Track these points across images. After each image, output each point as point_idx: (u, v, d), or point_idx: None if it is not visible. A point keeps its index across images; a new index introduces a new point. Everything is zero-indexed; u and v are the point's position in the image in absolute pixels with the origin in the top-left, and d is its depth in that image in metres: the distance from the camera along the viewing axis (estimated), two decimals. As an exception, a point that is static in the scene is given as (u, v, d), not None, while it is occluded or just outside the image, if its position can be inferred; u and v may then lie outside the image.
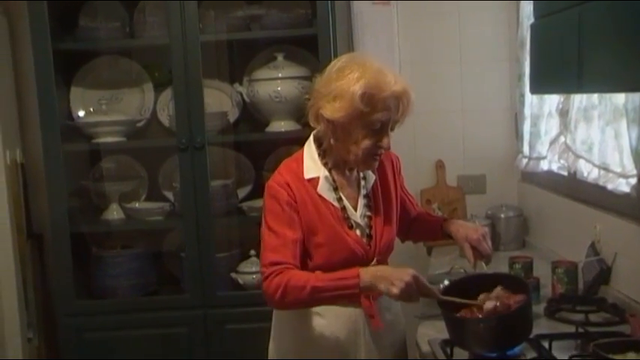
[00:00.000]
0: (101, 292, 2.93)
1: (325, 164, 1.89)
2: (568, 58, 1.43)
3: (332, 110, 1.78)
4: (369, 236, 1.90)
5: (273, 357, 2.00)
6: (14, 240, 2.99)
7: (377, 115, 1.76)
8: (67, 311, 2.86)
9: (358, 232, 1.90)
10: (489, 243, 1.97)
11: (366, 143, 1.79)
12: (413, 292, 1.69)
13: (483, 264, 1.97)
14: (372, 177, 1.94)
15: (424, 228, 2.12)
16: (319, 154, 1.90)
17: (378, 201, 1.94)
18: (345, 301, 1.80)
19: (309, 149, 1.92)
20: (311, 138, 1.94)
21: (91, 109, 3.04)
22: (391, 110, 1.78)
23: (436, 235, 2.10)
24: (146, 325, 2.85)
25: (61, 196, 2.81)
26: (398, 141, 2.14)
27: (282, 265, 1.77)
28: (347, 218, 1.88)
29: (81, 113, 3.03)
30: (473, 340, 1.75)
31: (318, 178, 1.87)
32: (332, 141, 1.84)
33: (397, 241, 2.04)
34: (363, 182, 1.93)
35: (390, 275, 1.71)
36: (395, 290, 1.68)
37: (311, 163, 1.89)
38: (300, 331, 1.92)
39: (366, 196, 1.93)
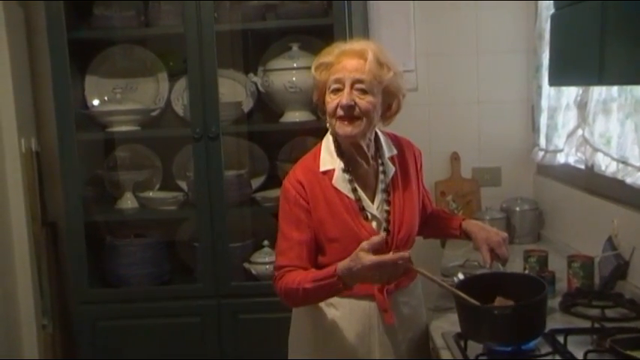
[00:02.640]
0: (115, 280, 2.94)
1: (340, 156, 1.88)
2: (589, 49, 1.41)
3: (314, 95, 1.91)
4: (387, 230, 1.89)
5: (292, 346, 2.02)
6: (29, 228, 3.01)
7: (332, 77, 1.81)
8: (81, 299, 2.87)
9: (374, 224, 1.88)
10: (508, 248, 1.99)
11: (330, 107, 1.82)
12: (388, 275, 1.68)
13: (500, 265, 1.97)
14: (391, 169, 1.93)
15: (440, 225, 2.11)
16: (335, 145, 1.90)
17: (398, 194, 1.92)
18: (355, 289, 1.78)
19: (327, 142, 1.93)
20: (329, 131, 1.94)
21: (106, 98, 3.04)
22: (347, 69, 1.79)
23: (453, 233, 2.09)
24: (159, 315, 2.86)
25: (75, 184, 2.82)
26: (413, 132, 2.14)
27: (285, 268, 1.83)
28: (362, 209, 1.87)
29: (95, 102, 3.03)
30: (487, 331, 1.73)
31: (334, 170, 1.87)
32: (327, 124, 1.87)
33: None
34: (382, 176, 1.92)
35: (359, 272, 1.68)
36: (376, 282, 1.79)
37: (327, 155, 1.90)
38: (316, 322, 1.93)
39: (384, 189, 1.91)
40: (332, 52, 1.84)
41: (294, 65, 2.86)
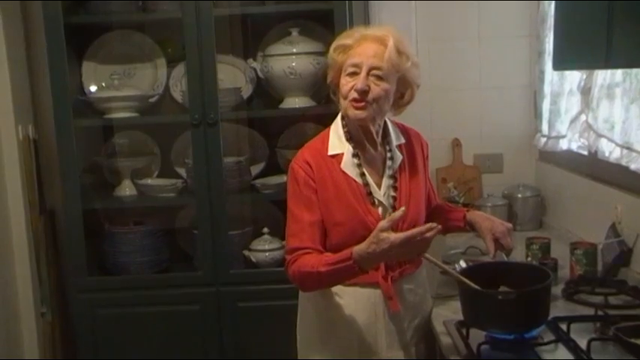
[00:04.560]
0: (113, 268, 2.93)
1: (350, 140, 1.88)
2: (596, 32, 1.38)
3: (329, 76, 1.91)
4: None
5: (300, 334, 2.02)
6: (27, 216, 2.99)
7: (349, 60, 1.80)
8: (79, 287, 2.85)
9: (380, 210, 1.87)
10: (513, 238, 1.97)
11: (344, 89, 1.82)
12: (413, 250, 1.70)
13: (504, 255, 1.95)
14: (398, 157, 1.92)
15: (444, 217, 2.09)
16: (344, 130, 1.89)
17: (405, 181, 1.92)
18: (357, 277, 1.77)
19: (336, 126, 1.93)
20: (339, 115, 1.94)
21: (103, 84, 3.01)
22: (365, 55, 1.79)
23: (457, 224, 2.07)
24: (158, 302, 2.84)
25: (73, 172, 2.80)
26: (414, 118, 2.11)
27: (299, 251, 1.82)
28: (369, 194, 1.86)
29: (93, 88, 3.00)
30: (490, 317, 1.71)
31: (342, 154, 1.87)
32: (339, 105, 1.87)
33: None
34: (389, 162, 1.91)
35: (382, 254, 1.69)
36: (393, 261, 1.80)
37: (336, 139, 1.90)
38: (321, 311, 1.93)
39: (391, 176, 1.91)
40: (352, 35, 1.84)
41: (294, 50, 2.83)
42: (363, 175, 1.87)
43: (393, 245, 1.67)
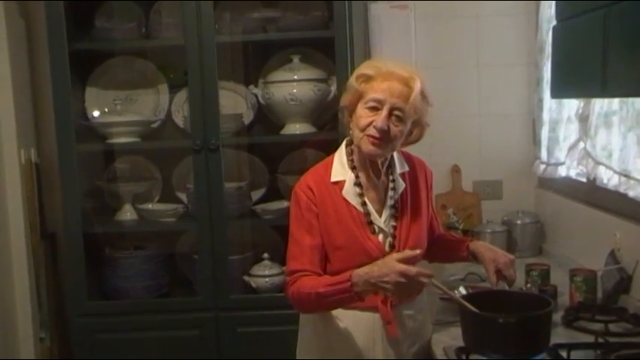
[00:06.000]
0: (113, 293, 2.92)
1: (353, 168, 1.90)
2: (592, 61, 1.40)
3: (344, 99, 1.89)
4: (392, 245, 1.89)
5: (299, 357, 2.02)
6: (28, 239, 2.99)
7: (372, 94, 1.80)
8: (79, 311, 2.85)
9: (381, 237, 1.88)
10: (515, 270, 1.98)
11: (362, 120, 1.81)
12: (407, 288, 1.70)
13: (506, 285, 1.95)
14: (401, 185, 1.93)
15: (446, 247, 2.10)
16: (348, 156, 1.91)
17: (406, 210, 1.92)
18: (351, 303, 1.78)
19: (340, 153, 1.95)
20: (344, 143, 1.96)
21: (106, 110, 3.03)
22: (389, 92, 1.78)
23: (460, 255, 2.08)
24: (158, 327, 2.83)
25: (74, 196, 2.81)
26: (414, 145, 2.12)
27: (299, 273, 1.83)
28: (370, 223, 1.87)
29: (96, 113, 3.03)
30: (491, 342, 1.70)
31: (344, 181, 1.88)
32: (350, 131, 1.87)
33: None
34: (391, 192, 1.92)
35: (378, 278, 1.70)
36: (389, 293, 1.75)
37: (339, 166, 1.91)
38: (320, 334, 1.93)
39: (393, 204, 1.92)
40: (378, 68, 1.82)
41: (295, 77, 2.86)
42: (364, 203, 1.88)
43: (393, 271, 1.67)
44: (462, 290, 2.16)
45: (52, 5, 2.71)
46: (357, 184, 1.89)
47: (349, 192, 1.87)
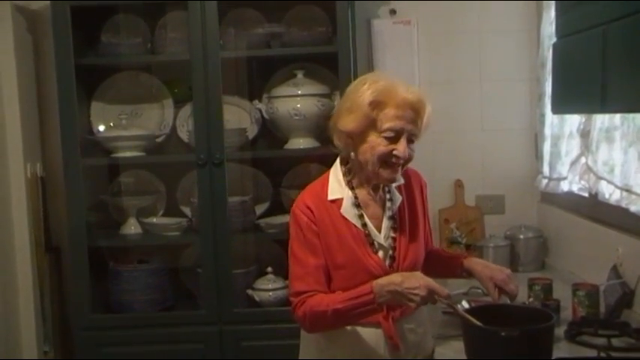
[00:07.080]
0: (117, 306, 2.93)
1: (349, 184, 1.89)
2: (591, 77, 1.41)
3: (347, 122, 1.81)
4: (392, 258, 1.89)
5: None
6: (32, 253, 3.00)
7: (389, 124, 1.78)
8: (83, 325, 2.86)
9: (381, 253, 1.89)
10: (516, 284, 1.97)
11: (381, 150, 1.79)
12: (430, 300, 1.75)
13: (507, 300, 1.95)
14: (398, 198, 1.94)
15: (439, 263, 2.10)
16: (344, 175, 1.90)
17: (404, 222, 1.93)
18: (371, 315, 1.80)
19: (335, 170, 1.93)
20: (338, 160, 1.95)
21: (111, 124, 3.06)
22: (405, 119, 1.78)
23: (454, 272, 2.08)
24: (162, 341, 2.84)
25: (79, 209, 2.82)
26: (416, 159, 2.12)
27: (306, 293, 1.83)
28: (371, 242, 1.88)
29: (101, 128, 3.06)
30: (492, 355, 1.71)
31: (342, 199, 1.88)
32: (353, 155, 1.85)
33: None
34: (389, 204, 1.93)
35: (404, 291, 1.74)
36: (413, 305, 1.76)
37: (336, 184, 1.90)
38: (322, 350, 1.92)
39: (391, 217, 1.92)
40: (389, 94, 1.78)
41: (299, 92, 2.88)
42: (364, 223, 1.88)
43: (424, 285, 1.73)
44: (465, 304, 2.16)
45: (59, 21, 2.75)
46: (356, 204, 1.88)
47: (347, 210, 1.87)
